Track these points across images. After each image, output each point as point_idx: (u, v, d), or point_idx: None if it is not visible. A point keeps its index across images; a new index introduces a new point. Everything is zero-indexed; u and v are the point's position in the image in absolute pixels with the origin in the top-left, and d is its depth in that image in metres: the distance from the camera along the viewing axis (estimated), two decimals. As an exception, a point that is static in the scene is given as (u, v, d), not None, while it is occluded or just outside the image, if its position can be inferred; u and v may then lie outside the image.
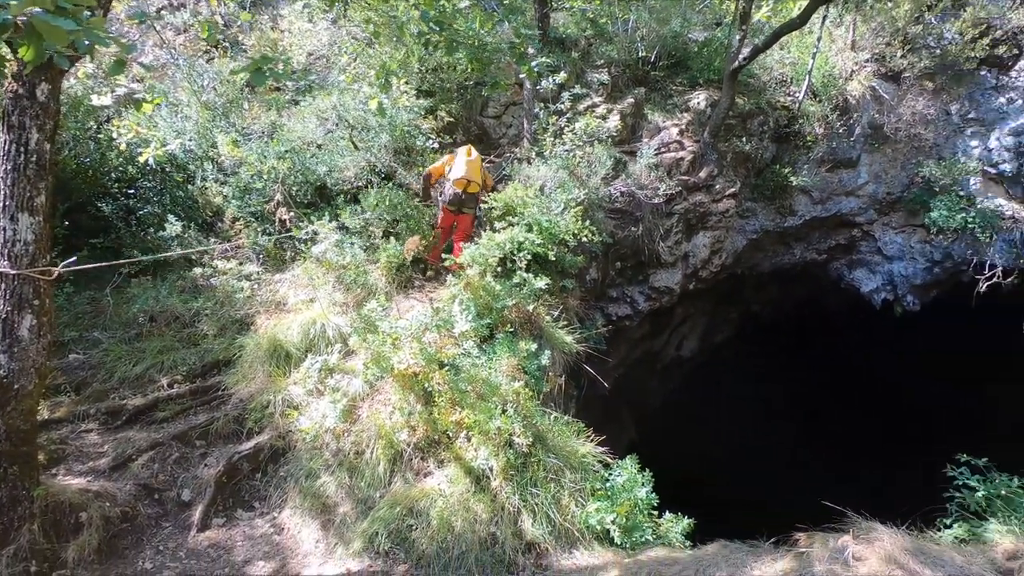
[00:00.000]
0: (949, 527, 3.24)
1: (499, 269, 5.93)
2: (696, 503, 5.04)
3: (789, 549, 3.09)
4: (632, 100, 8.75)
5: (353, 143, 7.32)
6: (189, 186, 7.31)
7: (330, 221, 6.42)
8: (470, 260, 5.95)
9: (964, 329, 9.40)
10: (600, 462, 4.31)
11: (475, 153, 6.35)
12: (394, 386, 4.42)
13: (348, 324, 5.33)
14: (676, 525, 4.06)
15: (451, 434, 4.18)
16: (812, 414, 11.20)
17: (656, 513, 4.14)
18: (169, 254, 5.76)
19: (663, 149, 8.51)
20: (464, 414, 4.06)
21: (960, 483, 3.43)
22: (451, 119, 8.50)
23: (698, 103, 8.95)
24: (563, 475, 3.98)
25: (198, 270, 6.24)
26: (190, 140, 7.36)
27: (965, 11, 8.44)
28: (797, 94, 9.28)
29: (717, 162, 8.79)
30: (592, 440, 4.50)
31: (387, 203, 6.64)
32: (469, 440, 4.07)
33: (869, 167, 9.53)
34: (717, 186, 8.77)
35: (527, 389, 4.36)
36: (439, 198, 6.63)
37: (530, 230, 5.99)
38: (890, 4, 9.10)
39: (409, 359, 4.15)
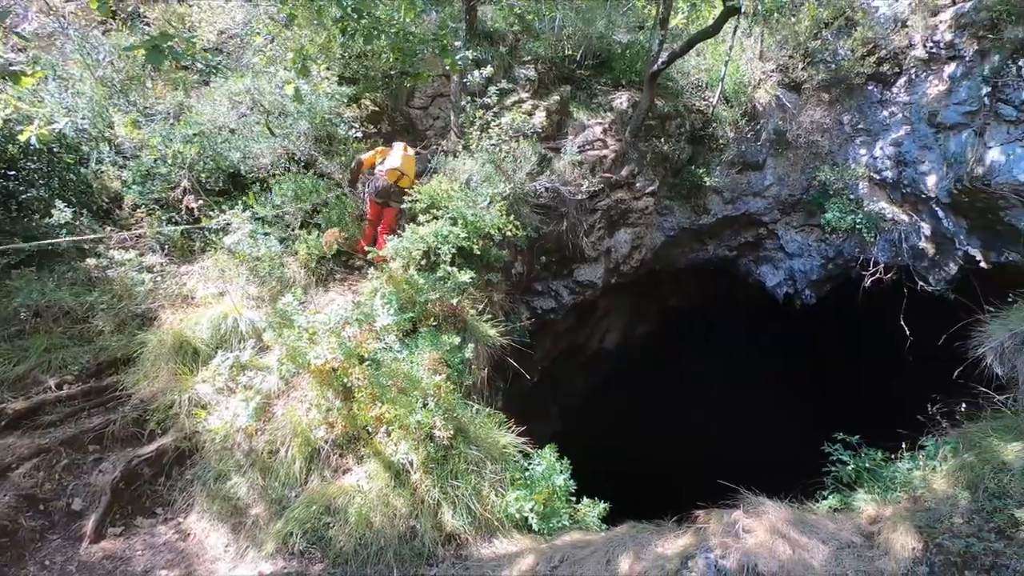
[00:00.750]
0: (825, 498, 3.62)
1: (423, 263, 5.88)
2: (617, 486, 5.27)
3: (690, 526, 3.32)
4: (558, 97, 8.91)
5: (269, 129, 6.99)
6: (82, 169, 6.68)
7: (244, 210, 6.10)
8: (393, 253, 5.86)
9: (852, 319, 10.33)
10: (521, 452, 4.41)
11: (411, 150, 6.45)
12: (311, 382, 4.28)
13: (262, 319, 5.10)
14: (593, 510, 4.22)
15: (371, 429, 4.12)
16: (722, 400, 11.95)
17: (574, 499, 4.29)
18: (56, 241, 5.24)
19: (587, 147, 8.73)
20: (384, 409, 4.01)
21: (835, 458, 3.84)
22: (376, 108, 8.29)
23: (621, 103, 9.24)
24: (484, 466, 4.03)
25: (92, 261, 5.74)
26: (83, 119, 6.73)
27: (856, 31, 9.22)
28: (711, 99, 9.79)
29: (638, 161, 9.14)
30: (514, 431, 4.59)
31: (305, 191, 6.39)
32: (389, 435, 4.02)
33: (774, 170, 10.24)
34: (638, 184, 9.12)
35: (449, 383, 4.36)
36: (365, 189, 6.51)
37: (455, 224, 5.98)
38: (793, 20, 9.80)
39: (327, 354, 4.04)
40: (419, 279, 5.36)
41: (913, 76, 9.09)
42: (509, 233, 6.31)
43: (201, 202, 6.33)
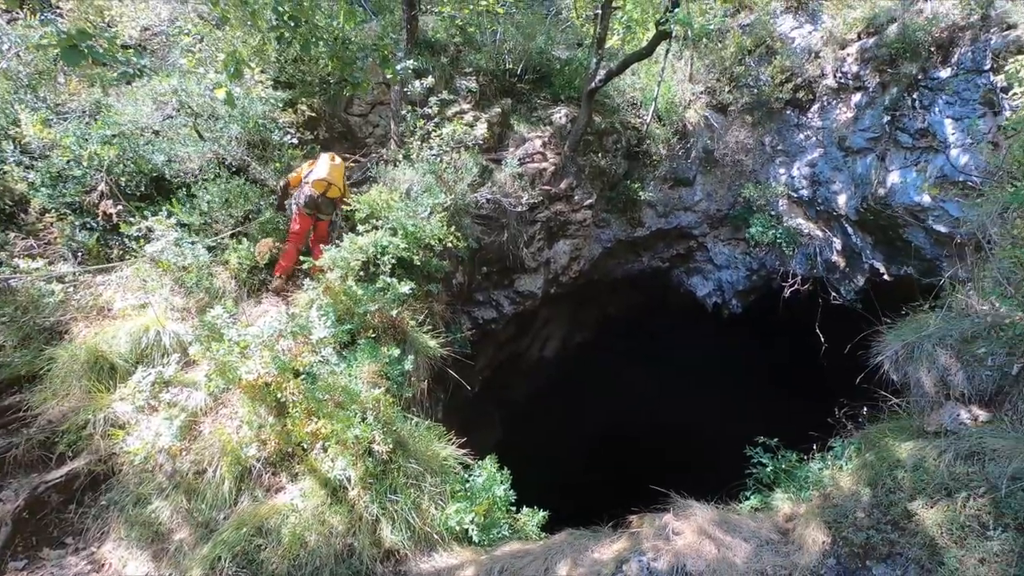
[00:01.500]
0: (748, 499, 3.87)
1: (362, 273, 5.78)
2: (557, 493, 5.35)
3: (625, 531, 3.44)
4: (499, 110, 9.02)
5: (198, 132, 6.68)
6: (-19, 169, 6.13)
7: (168, 217, 5.79)
8: (331, 264, 5.73)
9: (775, 327, 11.01)
10: (461, 464, 4.40)
11: (339, 160, 6.22)
12: (242, 398, 4.11)
13: (188, 332, 4.84)
14: (532, 519, 4.28)
15: (306, 446, 4.00)
16: (657, 405, 12.38)
17: (514, 509, 4.33)
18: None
19: (527, 159, 8.89)
20: (321, 424, 3.91)
21: (755, 461, 4.12)
22: (313, 114, 8.10)
23: (560, 118, 9.47)
24: (424, 479, 4.00)
25: (-8, 269, 5.27)
26: (-18, 114, 6.19)
27: (775, 59, 9.91)
28: (645, 117, 10.22)
29: (576, 175, 9.39)
30: (454, 443, 4.58)
31: (235, 197, 6.15)
32: (326, 451, 3.92)
33: (703, 186, 10.79)
34: (576, 197, 9.36)
35: (388, 395, 4.31)
36: (293, 203, 6.22)
37: (395, 234, 5.93)
38: (719, 46, 10.41)
39: (260, 368, 3.89)
40: (357, 290, 5.26)
41: (825, 103, 9.87)
42: (450, 244, 6.32)
43: (120, 207, 5.95)
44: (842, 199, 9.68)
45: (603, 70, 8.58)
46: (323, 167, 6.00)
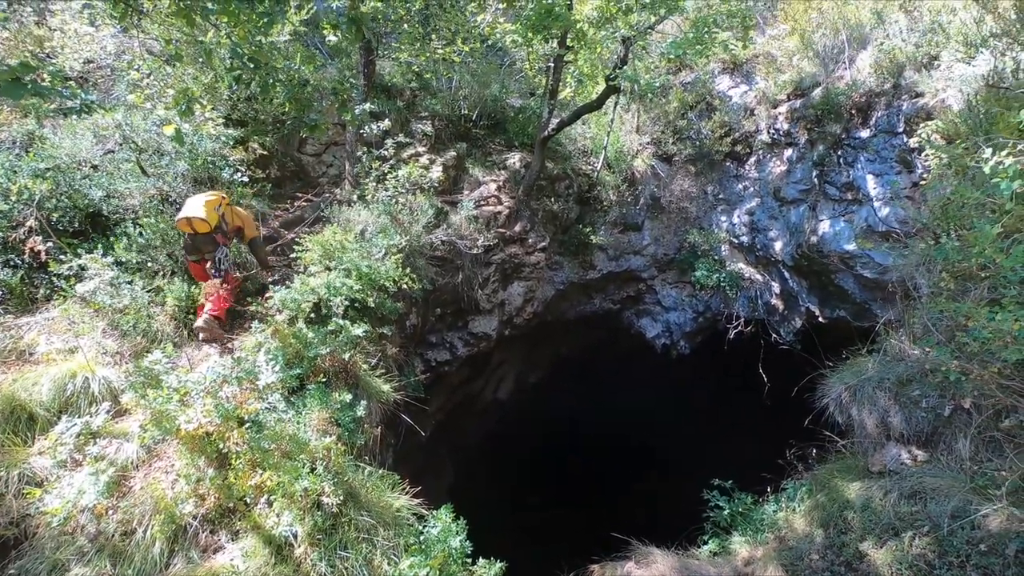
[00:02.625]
0: (706, 543, 3.88)
1: (313, 315, 5.62)
2: (513, 540, 5.20)
3: None
4: (454, 153, 9.17)
5: (141, 168, 6.43)
6: None
7: (104, 255, 5.49)
8: (281, 305, 5.55)
9: (722, 368, 11.35)
10: (415, 514, 4.23)
11: (215, 195, 5.69)
12: (180, 449, 3.83)
13: (122, 378, 4.52)
14: (488, 571, 4.13)
15: (249, 500, 3.75)
16: (611, 446, 12.40)
17: (470, 560, 4.17)
18: None
19: (482, 203, 9.02)
20: (266, 476, 3.68)
21: (713, 504, 4.16)
22: (264, 152, 7.99)
23: (514, 163, 9.71)
24: (376, 533, 3.81)
25: None
26: (-102, 143, 5.75)
27: (714, 115, 10.59)
28: (596, 164, 10.62)
29: (530, 218, 9.59)
30: (408, 492, 4.41)
31: (178, 235, 5.89)
32: (271, 505, 3.68)
33: (651, 231, 11.22)
34: (530, 240, 9.52)
35: (339, 443, 4.13)
36: None
37: (349, 275, 5.82)
38: (664, 100, 11.05)
39: (201, 417, 3.65)
40: (308, 332, 5.10)
41: (761, 156, 10.57)
42: (405, 285, 6.25)
43: (50, 244, 5.59)
44: (779, 245, 10.26)
45: (555, 119, 8.92)
46: (187, 204, 5.53)
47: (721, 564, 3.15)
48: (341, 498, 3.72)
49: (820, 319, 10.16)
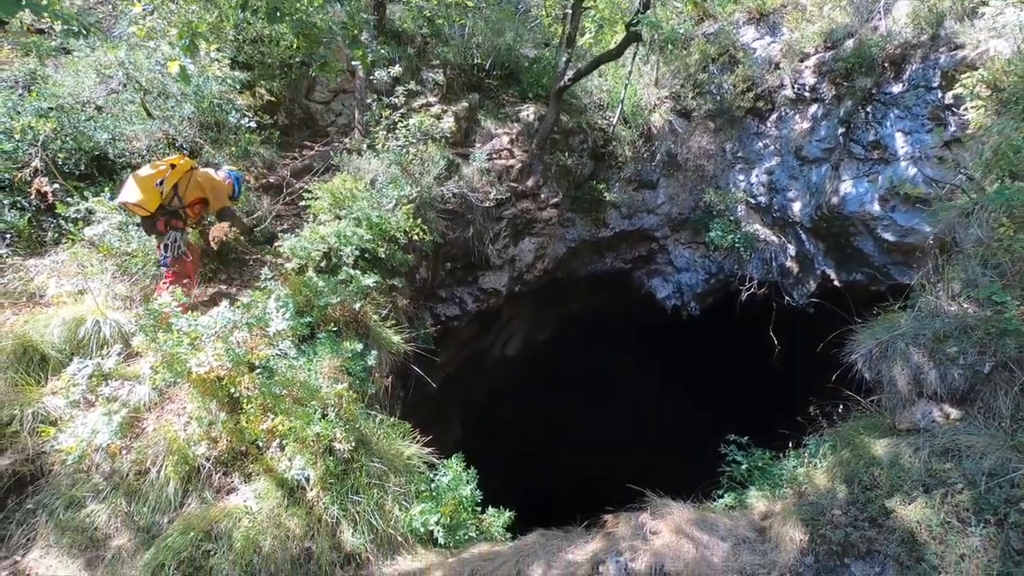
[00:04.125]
0: (722, 497, 3.87)
1: (323, 264, 5.55)
2: (521, 494, 5.26)
3: (599, 531, 3.37)
4: (466, 104, 8.88)
5: (146, 110, 6.25)
6: None
7: (111, 199, 5.39)
8: (290, 253, 5.47)
9: (731, 329, 11.28)
10: (426, 463, 4.25)
11: (154, 169, 4.76)
12: (191, 393, 3.82)
13: (132, 321, 4.49)
14: (498, 519, 4.16)
15: (261, 444, 3.76)
16: (621, 404, 12.48)
17: (480, 509, 4.21)
18: None
19: (494, 156, 8.78)
20: (278, 421, 3.68)
21: (730, 459, 4.13)
22: (272, 98, 7.76)
23: (527, 115, 9.40)
24: (387, 479, 3.82)
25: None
26: None
27: (737, 68, 10.15)
28: (611, 119, 10.28)
29: (543, 173, 9.35)
30: (419, 441, 4.42)
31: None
32: (283, 449, 3.69)
33: (666, 189, 10.94)
34: (543, 195, 9.31)
35: (351, 391, 4.11)
36: None
37: (359, 224, 5.71)
38: (684, 52, 10.58)
39: (212, 361, 3.62)
40: (318, 281, 5.02)
41: (783, 113, 10.17)
42: (416, 237, 6.14)
43: (56, 186, 5.49)
44: (797, 206, 9.99)
45: (572, 69, 8.57)
46: (124, 187, 4.70)
47: (737, 517, 3.14)
48: (353, 444, 3.72)
49: (835, 282, 9.99)
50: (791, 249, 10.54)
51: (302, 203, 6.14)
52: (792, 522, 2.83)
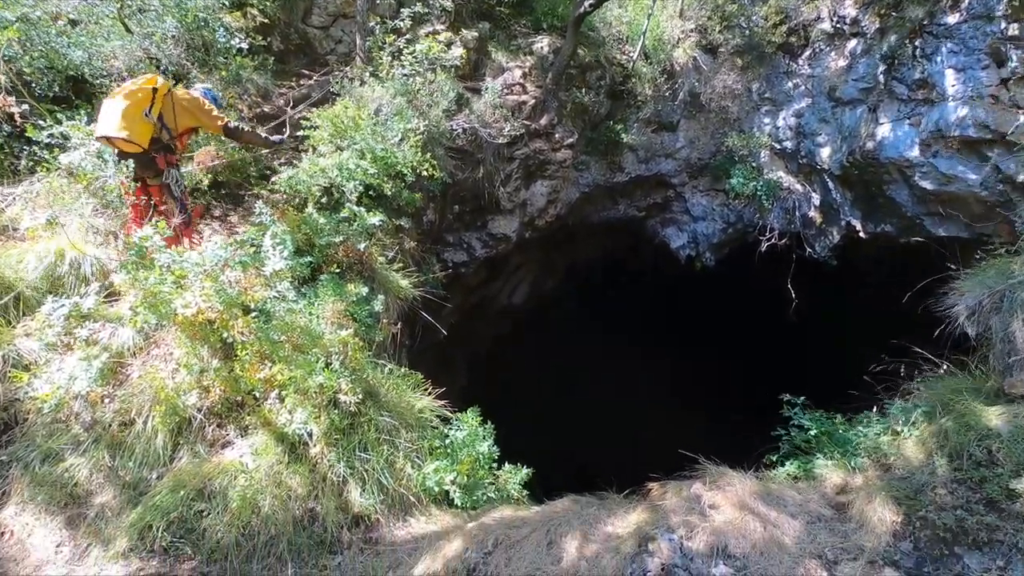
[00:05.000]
0: (783, 465, 3.50)
1: (324, 200, 5.07)
2: (528, 450, 4.98)
3: (641, 500, 3.06)
4: (476, 34, 8.17)
5: (124, 23, 5.60)
6: None
7: (89, 123, 4.85)
8: (288, 188, 4.98)
9: (745, 282, 10.89)
10: (439, 416, 3.92)
11: (139, 90, 4.02)
12: (179, 337, 3.44)
13: (114, 258, 4.07)
14: (514, 476, 3.87)
15: (259, 394, 3.40)
16: (634, 358, 12.17)
17: (496, 465, 3.91)
18: None
19: (506, 91, 8.15)
20: (276, 369, 3.31)
21: (795, 422, 3.72)
22: (265, 20, 7.07)
23: (542, 47, 8.69)
24: (398, 435, 3.49)
25: None
26: None
27: (771, -2, 9.30)
28: (632, 53, 9.51)
29: (557, 111, 8.71)
30: (430, 393, 4.08)
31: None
32: (282, 401, 3.34)
33: (686, 132, 10.29)
34: (557, 135, 8.72)
35: (357, 338, 3.73)
36: None
37: (362, 157, 5.18)
38: (712, -22, 9.69)
39: (200, 301, 3.21)
40: (319, 218, 4.57)
41: (818, 49, 9.38)
42: (424, 173, 5.63)
43: (26, 107, 4.93)
44: (826, 152, 9.38)
45: (594, -6, 7.79)
46: (103, 115, 3.98)
47: (806, 490, 2.79)
48: (360, 396, 3.37)
49: (860, 234, 9.51)
50: (815, 198, 9.99)
51: (299, 133, 5.58)
52: (880, 499, 2.48)
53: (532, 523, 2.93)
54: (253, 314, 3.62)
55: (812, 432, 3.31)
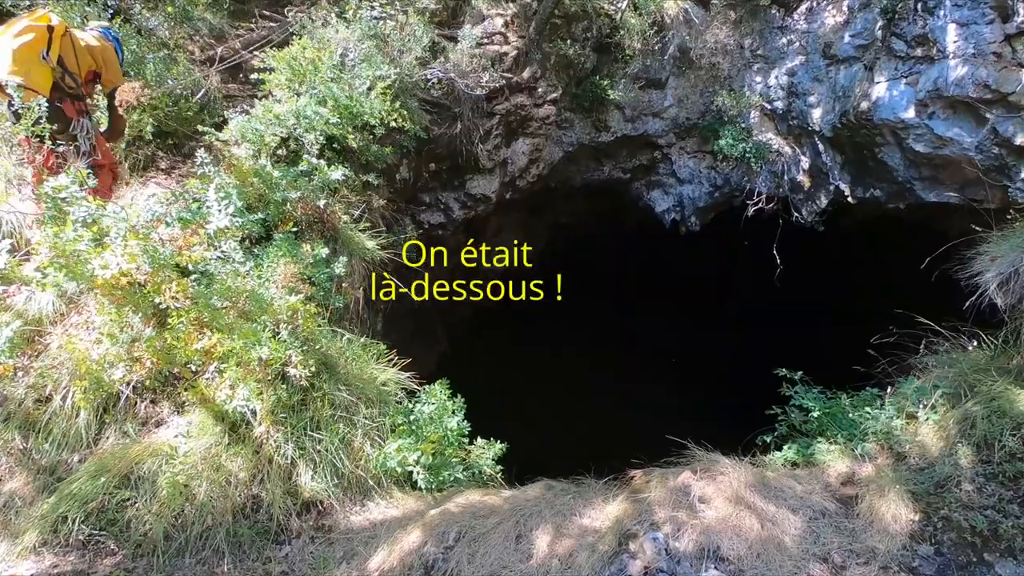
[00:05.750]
0: (778, 448, 3.21)
1: (280, 152, 4.60)
2: (508, 419, 4.72)
3: (621, 489, 2.79)
4: (454, -26, 7.54)
5: (47, -54, 4.92)
6: None
7: None
8: (239, 136, 4.49)
9: (733, 247, 10.66)
10: (405, 390, 3.59)
11: (31, 28, 3.45)
12: (101, 303, 3.02)
13: (35, 212, 3.59)
14: (488, 451, 3.60)
15: (196, 368, 3.03)
16: (617, 327, 11.97)
17: (466, 441, 3.62)
18: None
19: (486, 40, 7.61)
20: (216, 339, 2.93)
21: (796, 403, 3.42)
22: (217, -49, 6.37)
23: (525, -7, 8.10)
24: (356, 411, 3.17)
25: None
26: None
27: (771, -58, 8.74)
28: (620, 4, 8.94)
29: (541, 63, 8.19)
30: (396, 364, 3.74)
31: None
32: (222, 374, 2.97)
33: (675, 91, 9.82)
34: (540, 89, 8.21)
35: (312, 304, 3.35)
36: None
37: (323, 104, 4.68)
38: (710, -79, 9.06)
39: (122, 262, 2.79)
40: (273, 171, 4.11)
41: (814, 3, 8.93)
42: (394, 124, 5.15)
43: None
44: (818, 113, 9.03)
45: (581, -69, 7.19)
46: None
47: (806, 479, 2.53)
48: (312, 369, 3.01)
49: (849, 199, 9.28)
50: (804, 162, 9.68)
51: (253, 76, 5.04)
52: (895, 494, 2.22)
53: (500, 512, 2.65)
54: (192, 277, 3.21)
55: (815, 413, 3.03)
